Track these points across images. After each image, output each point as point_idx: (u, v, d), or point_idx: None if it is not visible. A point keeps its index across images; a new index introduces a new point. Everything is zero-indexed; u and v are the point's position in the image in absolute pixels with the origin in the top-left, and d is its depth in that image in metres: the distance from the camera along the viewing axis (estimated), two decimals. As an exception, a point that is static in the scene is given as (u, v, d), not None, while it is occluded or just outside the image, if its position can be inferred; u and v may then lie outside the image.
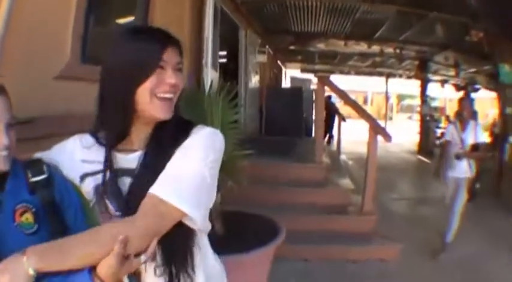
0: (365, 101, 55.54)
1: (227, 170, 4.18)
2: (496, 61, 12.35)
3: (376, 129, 7.33)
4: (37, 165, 1.73)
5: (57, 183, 1.74)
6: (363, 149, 8.03)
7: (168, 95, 1.69)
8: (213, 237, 1.95)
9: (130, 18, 5.66)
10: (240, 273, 4.05)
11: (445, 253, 6.86)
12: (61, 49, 3.58)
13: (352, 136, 19.29)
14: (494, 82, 13.95)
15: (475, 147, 7.21)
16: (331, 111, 18.83)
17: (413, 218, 9.47)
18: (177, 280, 1.73)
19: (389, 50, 17.67)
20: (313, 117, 13.11)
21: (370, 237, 6.97)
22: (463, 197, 7.05)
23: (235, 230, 4.49)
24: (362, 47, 17.28)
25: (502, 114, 12.60)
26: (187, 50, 6.80)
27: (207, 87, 5.17)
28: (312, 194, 7.49)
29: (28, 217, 1.61)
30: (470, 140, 7.14)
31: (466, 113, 7.38)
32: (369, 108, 51.89)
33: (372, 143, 7.30)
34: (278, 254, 4.72)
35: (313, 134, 12.04)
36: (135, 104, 1.67)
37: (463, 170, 7.08)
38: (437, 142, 22.36)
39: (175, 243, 1.72)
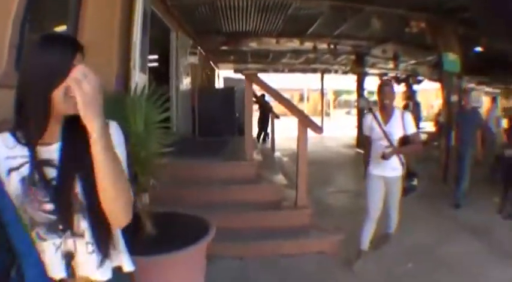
0: (301, 99, 56.15)
1: (149, 168, 4.37)
2: (440, 50, 12.45)
3: (305, 122, 7.29)
4: None
5: None
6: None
7: None
8: (144, 238, 2.01)
9: (63, 26, 5.80)
10: (173, 272, 4.06)
11: (389, 244, 6.61)
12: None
13: (287, 133, 19.50)
14: (438, 72, 14.18)
15: (405, 140, 6.05)
16: (265, 110, 18.94)
17: (351, 210, 9.34)
18: (106, 255, 1.94)
19: (324, 45, 17.70)
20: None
21: (307, 231, 6.95)
22: (397, 194, 6.22)
23: (166, 231, 4.46)
24: (295, 44, 17.27)
25: (447, 103, 12.80)
26: (116, 53, 6.81)
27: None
28: (245, 191, 7.43)
29: None
30: (397, 133, 5.99)
31: (388, 102, 6.11)
32: (305, 106, 52.51)
33: (301, 137, 7.27)
34: (213, 253, 4.74)
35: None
36: (51, 103, 1.82)
37: (392, 167, 6.06)
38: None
39: (104, 222, 1.87)
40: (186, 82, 13.11)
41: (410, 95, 26.10)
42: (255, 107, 17.14)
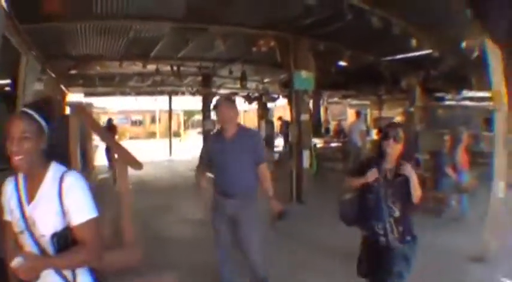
0: (153, 120, 56.11)
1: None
2: (291, 69, 12.63)
3: (125, 158, 7.23)
4: None
5: None
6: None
7: None
8: None
9: None
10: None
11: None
12: None
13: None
14: (288, 90, 14.02)
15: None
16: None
17: (193, 240, 9.37)
18: None
19: (167, 68, 17.95)
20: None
21: (140, 271, 6.64)
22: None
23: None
24: (138, 66, 17.39)
25: (297, 121, 12.84)
26: None
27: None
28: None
29: None
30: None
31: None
32: (157, 127, 52.65)
33: (122, 173, 7.21)
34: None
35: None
36: None
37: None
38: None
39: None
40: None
41: (263, 113, 26.94)
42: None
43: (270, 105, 27.29)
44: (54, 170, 2.92)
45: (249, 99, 26.50)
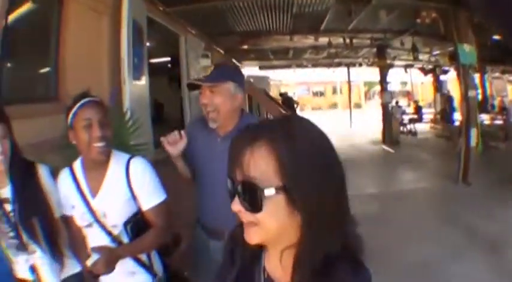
0: (334, 91, 55.98)
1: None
2: (455, 42, 11.90)
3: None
4: None
5: None
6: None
7: None
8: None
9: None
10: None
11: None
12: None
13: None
14: (454, 64, 13.47)
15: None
16: (290, 104, 19.03)
17: (363, 218, 8.77)
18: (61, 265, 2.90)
19: (339, 40, 17.52)
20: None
21: None
22: None
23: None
24: (310, 40, 17.25)
25: (465, 98, 12.02)
26: (107, 72, 6.93)
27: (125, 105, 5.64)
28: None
29: None
30: None
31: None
32: (339, 98, 52.55)
33: None
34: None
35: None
36: None
37: None
38: (404, 129, 22.37)
39: (55, 242, 2.89)
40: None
41: (437, 87, 25.75)
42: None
43: (442, 77, 25.89)
44: (116, 158, 2.89)
45: (423, 71, 25.40)
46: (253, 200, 1.26)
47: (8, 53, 4.76)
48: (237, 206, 1.31)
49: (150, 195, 2.83)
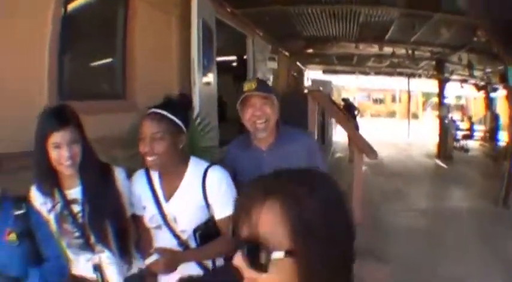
0: (393, 99, 55.83)
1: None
2: (505, 62, 11.82)
3: (361, 147, 7.61)
4: (19, 203, 2.63)
5: (32, 215, 2.66)
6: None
7: None
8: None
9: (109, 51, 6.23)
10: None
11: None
12: (38, 92, 4.34)
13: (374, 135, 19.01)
14: (503, 84, 13.41)
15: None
16: (351, 111, 19.39)
17: (412, 231, 8.68)
18: (129, 264, 3.02)
19: (402, 51, 17.93)
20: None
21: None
22: None
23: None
24: (375, 48, 17.50)
25: (511, 119, 12.08)
26: (177, 72, 7.29)
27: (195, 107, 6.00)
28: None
29: (13, 236, 2.52)
30: None
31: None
32: (397, 106, 52.24)
33: (358, 162, 7.65)
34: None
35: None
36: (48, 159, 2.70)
37: None
38: (457, 145, 22.28)
39: (125, 242, 2.99)
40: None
41: (488, 104, 25.62)
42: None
43: (492, 95, 25.69)
44: (194, 165, 2.94)
45: (477, 87, 25.38)
46: (259, 260, 1.18)
47: (70, 47, 4.90)
48: (239, 261, 1.21)
49: (224, 205, 2.82)
